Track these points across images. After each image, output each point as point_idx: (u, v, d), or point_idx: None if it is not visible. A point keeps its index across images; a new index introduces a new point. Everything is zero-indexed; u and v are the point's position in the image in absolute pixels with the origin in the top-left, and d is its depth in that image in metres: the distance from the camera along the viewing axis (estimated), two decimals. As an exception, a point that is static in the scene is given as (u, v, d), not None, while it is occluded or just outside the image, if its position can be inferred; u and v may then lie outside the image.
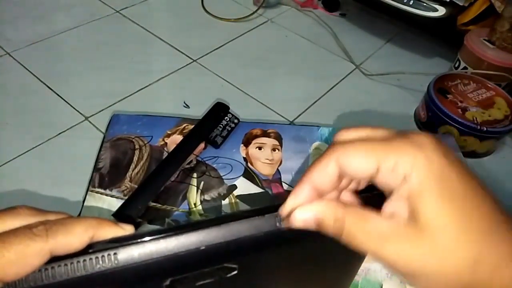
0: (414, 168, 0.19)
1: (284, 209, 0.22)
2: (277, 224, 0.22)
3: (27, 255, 0.20)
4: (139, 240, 0.21)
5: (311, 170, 0.21)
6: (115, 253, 0.21)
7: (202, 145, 0.52)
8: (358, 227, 0.20)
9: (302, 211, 0.21)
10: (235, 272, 0.23)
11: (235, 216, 0.22)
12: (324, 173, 0.21)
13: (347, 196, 0.23)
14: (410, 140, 0.20)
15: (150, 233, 0.21)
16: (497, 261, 0.18)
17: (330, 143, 0.23)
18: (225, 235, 0.22)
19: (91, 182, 0.47)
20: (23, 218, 0.22)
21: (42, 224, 0.21)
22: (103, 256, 0.21)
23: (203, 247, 0.21)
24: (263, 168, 0.51)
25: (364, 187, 0.23)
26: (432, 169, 0.19)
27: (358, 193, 0.23)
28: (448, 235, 0.18)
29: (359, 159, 0.20)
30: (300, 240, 0.23)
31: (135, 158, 0.50)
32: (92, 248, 0.21)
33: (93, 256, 0.21)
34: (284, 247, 0.23)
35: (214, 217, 0.22)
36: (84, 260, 0.20)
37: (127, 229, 0.23)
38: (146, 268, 0.21)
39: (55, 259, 0.20)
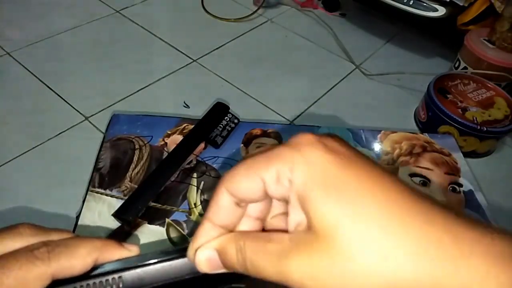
0: (294, 172, 0.17)
1: (189, 254, 0.20)
2: None
3: (28, 281, 0.19)
4: (145, 263, 0.20)
5: (207, 209, 0.20)
6: (120, 277, 0.20)
7: (202, 145, 0.52)
8: (259, 251, 0.18)
9: (202, 250, 0.20)
10: None
11: None
12: (218, 208, 0.19)
13: (277, 221, 0.21)
14: (288, 144, 0.18)
15: (156, 255, 0.21)
16: (410, 251, 0.15)
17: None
18: None
19: (91, 182, 0.47)
20: (24, 239, 0.21)
21: (44, 245, 0.20)
22: (107, 280, 0.20)
23: None
24: (263, 168, 0.51)
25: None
26: (312, 168, 0.17)
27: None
28: (346, 235, 0.16)
29: (243, 180, 0.18)
30: None
31: (135, 158, 0.50)
32: (96, 270, 0.20)
33: (97, 280, 0.20)
34: None
35: None
36: (88, 285, 0.20)
37: (132, 250, 0.22)
38: None
39: (57, 283, 0.20)
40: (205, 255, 0.19)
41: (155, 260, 0.21)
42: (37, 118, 0.56)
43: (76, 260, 0.20)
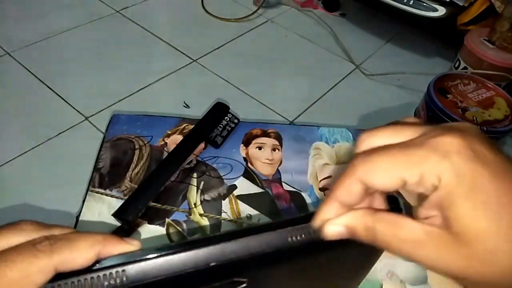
0: (440, 179, 0.18)
1: (315, 223, 0.22)
2: (289, 239, 0.22)
3: (31, 273, 0.19)
4: (148, 257, 0.21)
5: (336, 189, 0.21)
6: (123, 270, 0.20)
7: (202, 145, 0.52)
8: (391, 234, 0.20)
9: (332, 225, 0.22)
10: (244, 285, 0.23)
11: (246, 231, 0.22)
12: (349, 192, 0.21)
13: (380, 200, 0.23)
14: (433, 147, 0.19)
15: (158, 249, 0.21)
16: None
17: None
18: (235, 251, 0.21)
19: (91, 182, 0.47)
20: (27, 234, 0.21)
21: (47, 239, 0.20)
22: (111, 273, 0.20)
23: (213, 264, 0.21)
24: (263, 168, 0.51)
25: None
26: (460, 178, 0.18)
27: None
28: (486, 243, 0.18)
29: (381, 177, 0.19)
30: (310, 254, 0.23)
31: (135, 158, 0.50)
32: (99, 264, 0.20)
33: (101, 274, 0.20)
34: (294, 260, 0.23)
35: (225, 232, 0.22)
36: (92, 278, 0.20)
37: (134, 245, 0.22)
38: (156, 285, 0.20)
39: (60, 276, 0.20)
40: (334, 229, 0.22)
41: (158, 254, 0.21)
42: (37, 118, 0.56)
43: (78, 252, 0.20)
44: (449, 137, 0.19)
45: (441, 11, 0.65)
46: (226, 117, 0.55)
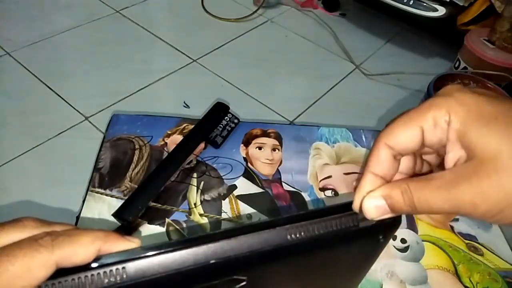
0: (451, 114, 0.20)
1: (355, 205, 0.22)
2: (288, 237, 0.22)
3: (32, 268, 0.19)
4: (148, 254, 0.21)
5: (368, 162, 0.22)
6: (123, 267, 0.20)
7: (202, 145, 0.52)
8: (427, 189, 0.20)
9: (370, 199, 0.22)
10: (244, 283, 0.23)
11: (245, 229, 0.22)
12: (378, 161, 0.22)
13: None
14: (438, 95, 0.21)
15: (158, 247, 0.21)
16: None
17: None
18: (235, 249, 0.21)
19: (91, 182, 0.47)
20: (28, 230, 0.21)
21: (48, 234, 0.21)
22: (111, 270, 0.20)
23: (213, 261, 0.21)
24: (263, 168, 0.51)
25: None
26: (468, 107, 0.20)
27: None
28: (507, 159, 0.18)
29: (403, 132, 0.21)
30: (309, 252, 0.23)
31: (135, 158, 0.50)
32: (99, 261, 0.21)
33: (101, 271, 0.20)
34: (293, 258, 0.23)
35: (224, 230, 0.22)
36: (92, 275, 0.20)
37: (134, 242, 0.22)
38: (155, 283, 0.21)
39: (62, 272, 0.20)
40: (372, 203, 0.22)
41: (158, 251, 0.21)
42: (37, 118, 0.56)
43: (80, 247, 0.20)
44: (449, 86, 0.22)
45: (441, 11, 0.65)
46: (226, 117, 0.55)
